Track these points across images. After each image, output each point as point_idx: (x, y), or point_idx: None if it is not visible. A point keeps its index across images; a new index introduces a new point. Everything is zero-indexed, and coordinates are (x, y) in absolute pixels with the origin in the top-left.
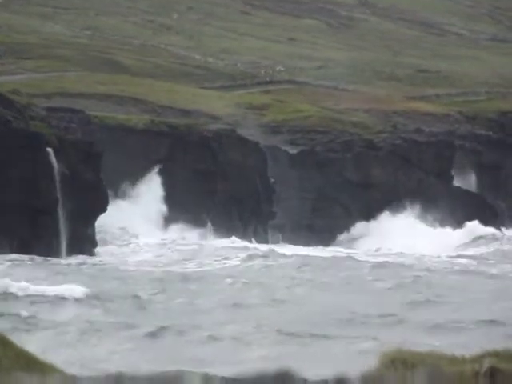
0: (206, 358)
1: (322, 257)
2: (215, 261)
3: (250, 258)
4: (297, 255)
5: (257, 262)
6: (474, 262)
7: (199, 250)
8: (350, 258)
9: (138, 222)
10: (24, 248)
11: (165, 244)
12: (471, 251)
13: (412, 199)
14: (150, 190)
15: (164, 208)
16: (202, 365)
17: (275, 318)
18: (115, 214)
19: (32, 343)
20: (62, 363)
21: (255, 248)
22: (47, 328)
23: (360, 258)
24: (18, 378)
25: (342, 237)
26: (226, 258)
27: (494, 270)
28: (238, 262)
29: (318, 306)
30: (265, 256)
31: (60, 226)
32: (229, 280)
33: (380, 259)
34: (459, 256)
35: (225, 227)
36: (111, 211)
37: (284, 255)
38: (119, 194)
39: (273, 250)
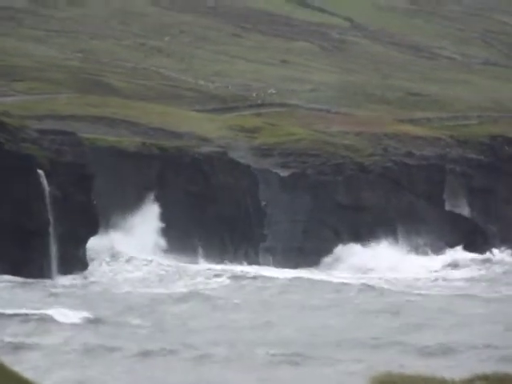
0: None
1: (310, 279)
2: (206, 283)
3: (240, 279)
4: (286, 278)
5: (246, 283)
6: (462, 285)
7: (189, 272)
8: (338, 280)
9: (129, 244)
10: (15, 270)
11: (156, 265)
12: (458, 274)
13: (402, 223)
14: (144, 215)
15: (155, 228)
16: None
17: (264, 339)
18: (105, 234)
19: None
20: None
21: (244, 271)
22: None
23: (348, 281)
24: None
25: (329, 259)
26: (216, 280)
27: (482, 294)
28: (229, 283)
29: (306, 328)
30: (254, 278)
31: (51, 248)
32: (220, 301)
33: (367, 282)
34: (445, 279)
35: (216, 250)
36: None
37: (273, 278)
38: (111, 221)
39: (261, 273)
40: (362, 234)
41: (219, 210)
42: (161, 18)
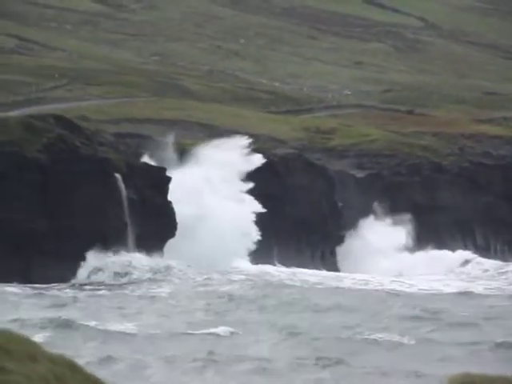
0: None
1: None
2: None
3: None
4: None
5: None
6: None
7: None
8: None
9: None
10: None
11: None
12: None
13: (479, 223)
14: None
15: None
16: None
17: None
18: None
19: None
20: None
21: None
22: None
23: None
24: None
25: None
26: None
27: None
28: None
29: None
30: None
31: (129, 251)
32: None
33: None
34: None
35: (292, 252)
36: None
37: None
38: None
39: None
40: (440, 234)
41: (295, 212)
42: (236, 21)
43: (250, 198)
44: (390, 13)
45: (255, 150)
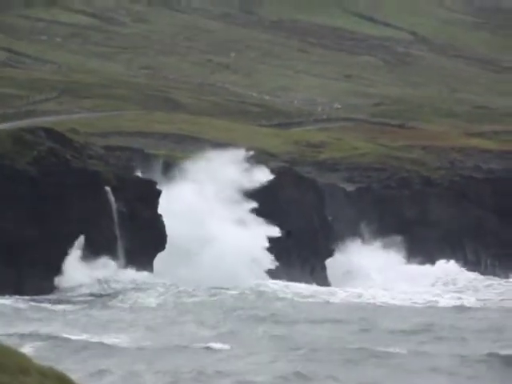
0: None
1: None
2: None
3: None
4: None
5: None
6: None
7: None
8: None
9: None
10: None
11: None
12: None
13: (470, 237)
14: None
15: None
16: None
17: None
18: None
19: None
20: None
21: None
22: None
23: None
24: None
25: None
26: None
27: None
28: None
29: None
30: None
31: (119, 264)
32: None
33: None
34: None
35: (283, 265)
36: None
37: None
38: None
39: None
40: (430, 250)
41: (285, 225)
42: (226, 34)
43: (259, 220)
44: (381, 26)
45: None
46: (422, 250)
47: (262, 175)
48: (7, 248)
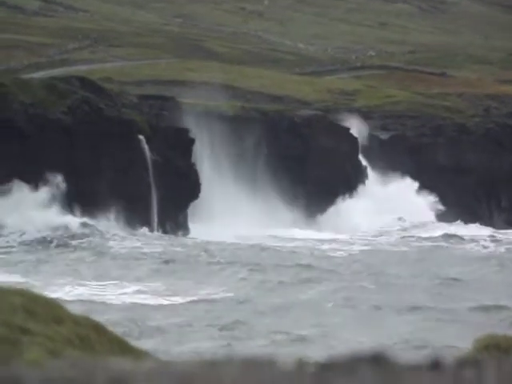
0: None
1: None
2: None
3: None
4: None
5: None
6: None
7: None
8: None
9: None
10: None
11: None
12: None
13: (505, 185)
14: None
15: (255, 194)
16: None
17: None
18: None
19: None
20: None
21: None
22: None
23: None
24: (114, 362)
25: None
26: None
27: None
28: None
29: None
30: None
31: (152, 213)
32: None
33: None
34: None
35: (316, 212)
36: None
37: None
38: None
39: None
40: (464, 196)
41: (319, 174)
42: None
43: None
44: None
45: (279, 112)
46: (458, 199)
47: None
48: None
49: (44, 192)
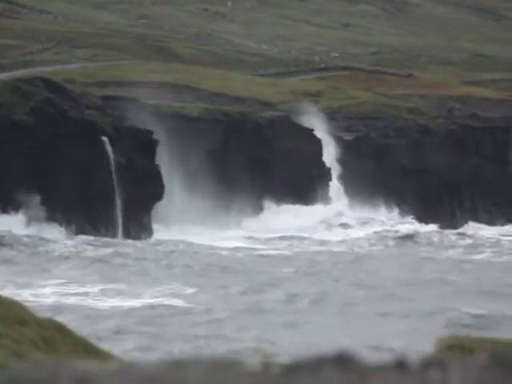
0: None
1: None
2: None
3: None
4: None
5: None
6: None
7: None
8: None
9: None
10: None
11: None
12: None
13: (467, 185)
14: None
15: (220, 196)
16: None
17: None
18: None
19: None
20: None
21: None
22: None
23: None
24: (78, 362)
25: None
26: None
27: None
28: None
29: None
30: None
31: (116, 215)
32: None
33: None
34: None
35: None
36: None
37: None
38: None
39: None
40: (428, 197)
41: (283, 175)
42: None
43: None
44: None
45: (242, 113)
46: (420, 199)
47: None
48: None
49: None
